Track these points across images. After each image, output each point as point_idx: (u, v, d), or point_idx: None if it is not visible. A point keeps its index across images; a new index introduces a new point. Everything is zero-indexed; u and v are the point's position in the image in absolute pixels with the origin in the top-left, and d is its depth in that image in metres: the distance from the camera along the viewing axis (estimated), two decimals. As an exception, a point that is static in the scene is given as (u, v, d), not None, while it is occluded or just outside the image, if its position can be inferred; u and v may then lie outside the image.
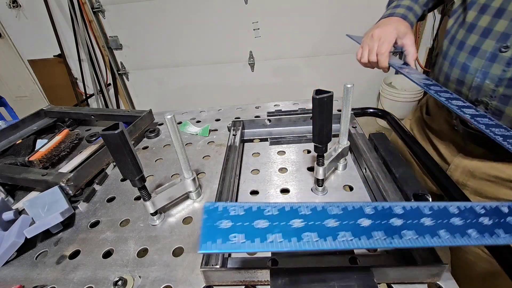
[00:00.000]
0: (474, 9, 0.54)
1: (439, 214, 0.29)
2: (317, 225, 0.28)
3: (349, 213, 0.30)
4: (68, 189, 0.57)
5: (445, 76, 0.61)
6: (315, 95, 0.41)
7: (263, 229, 0.28)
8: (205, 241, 0.26)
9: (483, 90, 0.53)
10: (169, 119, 0.46)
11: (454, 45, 0.58)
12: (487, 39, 0.51)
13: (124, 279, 0.43)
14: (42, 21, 2.39)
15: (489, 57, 0.51)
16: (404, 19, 0.67)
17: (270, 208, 0.30)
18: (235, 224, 0.28)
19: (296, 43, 2.34)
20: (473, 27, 0.54)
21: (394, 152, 0.56)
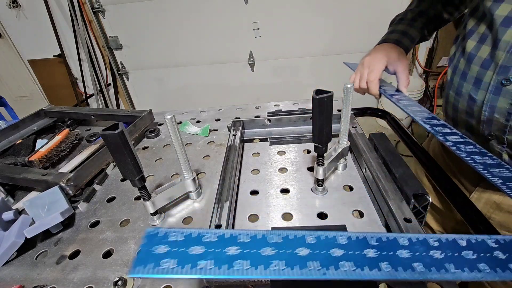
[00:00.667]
0: (473, 39, 0.51)
1: (385, 245, 0.28)
2: (253, 253, 0.28)
3: (289, 241, 0.29)
4: (68, 189, 0.57)
5: (452, 107, 0.58)
6: (315, 95, 0.41)
7: (197, 256, 0.28)
8: (136, 266, 0.26)
9: (494, 124, 0.49)
10: (169, 119, 0.46)
11: (457, 75, 0.55)
12: (488, 71, 0.48)
13: (124, 279, 0.43)
14: (42, 21, 2.39)
15: (493, 90, 0.47)
16: (397, 45, 0.66)
17: (210, 235, 0.30)
18: (170, 250, 0.28)
19: (296, 43, 2.34)
20: (472, 58, 0.51)
21: (394, 152, 0.56)
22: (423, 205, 0.44)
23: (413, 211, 0.44)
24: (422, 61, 2.40)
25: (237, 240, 0.29)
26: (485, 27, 0.49)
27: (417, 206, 0.45)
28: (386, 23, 0.78)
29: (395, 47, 0.66)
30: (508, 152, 0.50)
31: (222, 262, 0.27)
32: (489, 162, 0.40)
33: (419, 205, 0.45)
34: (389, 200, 0.45)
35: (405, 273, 0.26)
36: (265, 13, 2.22)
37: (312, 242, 0.29)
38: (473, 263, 0.26)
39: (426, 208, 0.45)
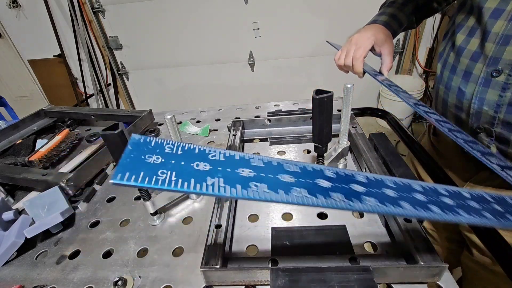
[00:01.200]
0: (462, 32, 0.52)
1: (402, 188, 0.29)
2: (270, 177, 0.25)
3: (308, 172, 0.27)
4: (68, 189, 0.57)
5: (442, 102, 0.59)
6: (315, 95, 0.41)
7: (203, 172, 0.23)
8: (124, 171, 0.21)
9: (482, 116, 0.49)
10: (169, 119, 0.46)
11: (447, 69, 0.56)
12: (477, 63, 0.48)
13: (124, 279, 0.43)
14: (42, 21, 2.39)
15: (482, 82, 0.48)
16: (386, 27, 0.66)
17: (217, 154, 0.26)
18: (167, 161, 0.23)
19: (296, 43, 2.34)
20: (461, 51, 0.51)
21: (394, 152, 0.57)
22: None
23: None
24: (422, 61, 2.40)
25: (250, 163, 0.26)
26: (474, 20, 0.49)
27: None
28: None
29: (384, 29, 0.65)
30: (497, 145, 0.51)
31: (236, 182, 0.23)
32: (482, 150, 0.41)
33: (419, 205, 0.44)
34: (389, 200, 0.45)
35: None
36: (265, 13, 2.22)
37: (332, 176, 0.28)
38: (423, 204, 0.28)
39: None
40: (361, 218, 0.49)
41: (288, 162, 0.28)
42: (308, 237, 0.46)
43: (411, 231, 0.40)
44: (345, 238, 0.45)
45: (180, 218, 0.54)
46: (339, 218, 0.49)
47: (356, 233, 0.46)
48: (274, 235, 0.47)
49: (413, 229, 0.40)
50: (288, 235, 0.46)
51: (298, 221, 0.50)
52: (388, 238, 0.45)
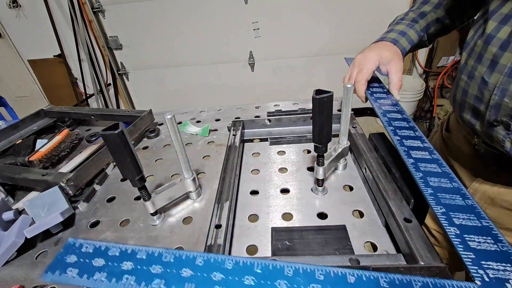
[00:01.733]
0: (494, 19, 0.49)
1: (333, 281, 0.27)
2: (145, 270, 0.30)
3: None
4: (68, 189, 0.57)
5: (462, 92, 0.56)
6: (315, 95, 0.41)
7: (96, 267, 0.30)
8: (47, 271, 0.29)
9: (502, 109, 0.48)
10: (169, 119, 0.46)
11: (472, 58, 0.53)
12: (505, 52, 0.46)
13: (124, 279, 0.43)
14: (42, 21, 2.39)
15: (508, 73, 0.46)
16: (394, 44, 0.64)
17: (115, 250, 0.32)
18: (79, 260, 0.31)
19: (296, 43, 2.34)
20: (491, 38, 0.49)
21: (394, 152, 0.56)
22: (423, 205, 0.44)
23: (413, 211, 0.44)
24: (422, 61, 2.40)
25: (135, 256, 0.31)
26: (510, 7, 0.46)
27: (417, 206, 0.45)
28: (387, 23, 0.77)
29: (391, 47, 0.64)
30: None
31: (114, 275, 0.29)
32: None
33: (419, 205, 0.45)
34: (389, 200, 0.45)
35: None
36: (265, 13, 2.22)
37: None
38: None
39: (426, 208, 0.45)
40: (361, 218, 0.49)
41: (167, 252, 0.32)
42: (308, 237, 0.46)
43: (411, 231, 0.40)
44: (345, 238, 0.45)
45: (180, 218, 0.54)
46: (339, 218, 0.49)
47: (356, 233, 0.46)
48: (274, 235, 0.47)
49: (413, 229, 0.40)
50: (288, 235, 0.46)
51: (298, 221, 0.50)
52: (388, 238, 0.45)
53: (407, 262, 0.39)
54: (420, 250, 0.38)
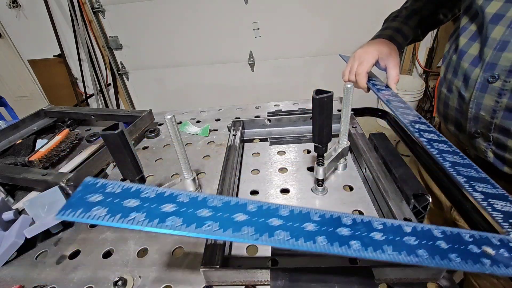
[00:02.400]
0: (464, 36, 0.51)
1: (391, 230, 0.28)
2: (189, 212, 0.28)
3: (229, 207, 0.29)
4: (68, 189, 0.57)
5: (444, 104, 0.59)
6: (315, 95, 0.41)
7: (130, 208, 0.27)
8: (65, 209, 0.27)
9: (480, 121, 0.50)
10: (169, 119, 0.46)
11: (449, 72, 0.56)
12: (476, 68, 0.48)
13: (124, 279, 0.43)
14: (42, 21, 2.39)
15: (479, 87, 0.48)
16: (391, 41, 0.66)
17: (149, 192, 0.30)
18: (104, 199, 0.28)
19: (296, 43, 2.34)
20: (463, 54, 0.51)
21: (394, 152, 0.56)
22: (423, 205, 0.44)
23: (413, 211, 0.44)
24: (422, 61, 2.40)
25: (176, 199, 0.29)
26: (477, 25, 0.49)
27: (417, 206, 0.45)
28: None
29: (388, 43, 0.65)
30: (493, 150, 0.51)
31: (155, 217, 0.27)
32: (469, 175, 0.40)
33: (419, 205, 0.45)
34: (389, 200, 0.45)
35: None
36: (265, 13, 2.22)
37: (317, 219, 0.29)
38: (412, 248, 0.27)
39: (426, 208, 0.45)
40: (361, 218, 0.49)
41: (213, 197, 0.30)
42: (308, 237, 0.46)
43: (411, 231, 0.40)
44: (345, 238, 0.45)
45: (180, 218, 0.54)
46: (339, 218, 0.49)
47: (356, 233, 0.46)
48: (274, 235, 0.47)
49: (413, 229, 0.40)
50: (288, 235, 0.46)
51: (298, 221, 0.50)
52: (388, 238, 0.45)
53: (407, 262, 0.39)
54: (420, 250, 0.38)
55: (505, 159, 0.49)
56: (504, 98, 0.45)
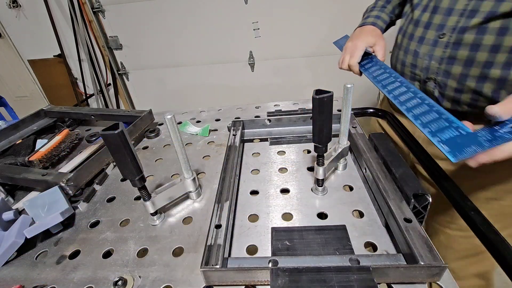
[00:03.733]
0: (418, 9, 0.70)
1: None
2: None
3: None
4: (68, 189, 0.57)
5: (401, 62, 0.75)
6: (315, 95, 0.41)
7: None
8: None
9: (430, 69, 0.67)
10: (169, 119, 0.46)
11: (406, 38, 0.73)
12: (429, 30, 0.66)
13: (124, 279, 0.43)
14: (42, 21, 2.39)
15: (432, 43, 0.65)
16: (374, 25, 0.82)
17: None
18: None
19: (296, 43, 2.34)
20: (418, 22, 0.69)
21: (394, 152, 0.56)
22: (423, 205, 0.44)
23: (413, 211, 0.44)
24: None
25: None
26: (427, 0, 0.67)
27: (417, 206, 0.45)
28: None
29: (373, 30, 0.81)
30: (439, 90, 0.68)
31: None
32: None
33: (419, 205, 0.45)
34: (389, 200, 0.45)
35: None
36: (265, 13, 2.22)
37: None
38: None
39: (426, 208, 0.45)
40: (361, 218, 0.49)
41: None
42: (308, 237, 0.46)
43: (411, 231, 0.40)
44: (345, 238, 0.45)
45: (180, 218, 0.54)
46: (339, 218, 0.49)
47: (356, 233, 0.46)
48: (274, 235, 0.47)
49: (413, 229, 0.40)
50: (288, 235, 0.46)
51: (298, 221, 0.50)
52: (388, 238, 0.45)
53: (407, 262, 0.39)
54: (420, 250, 0.38)
55: (445, 95, 0.67)
56: (449, 49, 0.62)
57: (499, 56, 0.57)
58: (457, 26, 0.60)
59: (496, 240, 0.39)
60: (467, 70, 0.61)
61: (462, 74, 0.62)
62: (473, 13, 0.58)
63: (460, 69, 0.62)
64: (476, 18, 0.57)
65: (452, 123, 0.47)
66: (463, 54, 0.61)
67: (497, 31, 0.55)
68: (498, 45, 0.56)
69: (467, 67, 0.61)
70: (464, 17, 0.59)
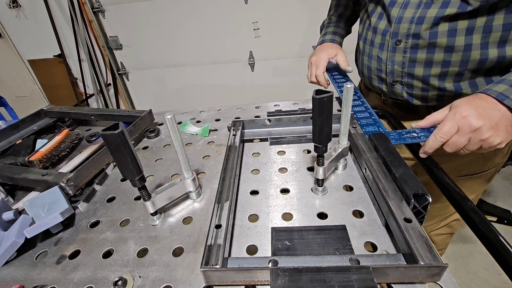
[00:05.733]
0: (374, 16, 0.74)
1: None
2: None
3: None
4: (68, 189, 0.57)
5: (367, 67, 0.81)
6: (315, 95, 0.41)
7: None
8: None
9: (395, 73, 0.72)
10: (169, 119, 0.46)
11: (367, 44, 0.78)
12: (386, 37, 0.70)
13: (124, 279, 0.43)
14: (42, 21, 2.39)
15: (391, 49, 0.70)
16: (333, 42, 0.92)
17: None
18: None
19: (296, 43, 2.34)
20: (376, 29, 0.73)
21: (394, 152, 0.56)
22: (423, 205, 0.44)
23: (413, 211, 0.44)
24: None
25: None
26: (381, 8, 0.72)
27: (417, 206, 0.45)
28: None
29: (332, 45, 0.90)
30: (406, 91, 0.73)
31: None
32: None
33: (419, 205, 0.45)
34: (389, 200, 0.45)
35: None
36: (265, 13, 2.22)
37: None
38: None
39: (426, 208, 0.45)
40: (361, 218, 0.49)
41: None
42: (308, 237, 0.46)
43: (411, 231, 0.40)
44: (345, 238, 0.45)
45: (180, 218, 0.54)
46: (339, 218, 0.49)
47: (356, 233, 0.46)
48: (274, 235, 0.47)
49: (413, 229, 0.40)
50: (288, 235, 0.46)
51: (298, 221, 0.50)
52: (388, 238, 0.45)
53: (407, 262, 0.39)
54: (420, 250, 0.38)
55: (413, 94, 0.72)
56: (407, 54, 0.67)
57: (455, 55, 0.62)
58: (410, 33, 0.65)
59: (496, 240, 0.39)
60: (428, 70, 0.66)
61: (424, 75, 0.67)
62: (421, 19, 0.62)
63: (422, 70, 0.67)
64: (425, 24, 0.62)
65: (376, 122, 0.68)
66: (422, 57, 0.66)
67: (447, 33, 0.60)
68: (451, 46, 0.61)
69: (427, 68, 0.66)
70: (414, 24, 0.64)
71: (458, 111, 0.51)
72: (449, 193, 0.50)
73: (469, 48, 0.60)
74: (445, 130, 0.51)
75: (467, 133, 0.50)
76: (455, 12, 0.57)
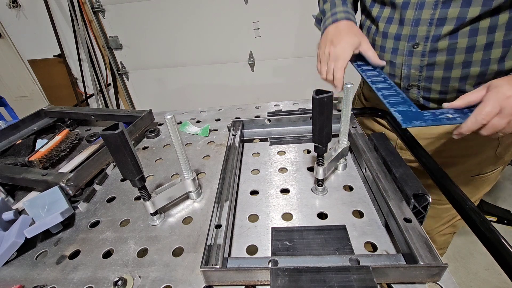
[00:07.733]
0: (382, 21, 0.69)
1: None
2: None
3: None
4: (68, 189, 0.57)
5: None
6: (315, 95, 0.41)
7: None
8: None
9: (412, 77, 0.68)
10: (169, 119, 0.46)
11: (377, 50, 0.72)
12: (400, 41, 0.66)
13: (124, 279, 0.43)
14: (42, 21, 2.39)
15: (407, 54, 0.66)
16: (349, 20, 0.71)
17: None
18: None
19: (296, 43, 2.34)
20: (386, 34, 0.68)
21: (394, 152, 0.56)
22: (423, 205, 0.44)
23: (413, 211, 0.44)
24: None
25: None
26: (389, 11, 0.67)
27: (417, 206, 0.45)
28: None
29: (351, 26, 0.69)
30: (423, 96, 0.70)
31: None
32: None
33: (419, 205, 0.45)
34: (389, 200, 0.45)
35: None
36: (265, 13, 2.22)
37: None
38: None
39: (426, 208, 0.45)
40: (361, 218, 0.49)
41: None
42: (308, 237, 0.46)
43: (411, 231, 0.40)
44: (345, 238, 0.45)
45: (180, 218, 0.54)
46: (339, 218, 0.49)
47: (356, 233, 0.46)
48: (274, 235, 0.47)
49: (413, 229, 0.40)
50: (288, 235, 0.47)
51: (298, 221, 0.50)
52: (388, 238, 0.45)
53: (407, 262, 0.39)
54: (420, 250, 0.38)
55: (430, 98, 0.70)
56: (426, 57, 0.64)
57: (476, 55, 0.59)
58: (430, 35, 0.61)
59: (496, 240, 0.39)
60: (448, 73, 0.63)
61: (444, 78, 0.64)
62: (441, 21, 0.59)
63: (442, 73, 0.64)
64: (447, 26, 0.58)
65: (406, 101, 0.59)
66: (442, 59, 0.62)
67: (468, 34, 0.58)
68: (473, 46, 0.59)
69: (448, 70, 0.63)
70: (433, 26, 0.60)
71: (500, 91, 0.47)
72: (449, 193, 0.50)
73: (490, 46, 0.58)
74: (487, 110, 0.47)
75: (510, 115, 0.47)
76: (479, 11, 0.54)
